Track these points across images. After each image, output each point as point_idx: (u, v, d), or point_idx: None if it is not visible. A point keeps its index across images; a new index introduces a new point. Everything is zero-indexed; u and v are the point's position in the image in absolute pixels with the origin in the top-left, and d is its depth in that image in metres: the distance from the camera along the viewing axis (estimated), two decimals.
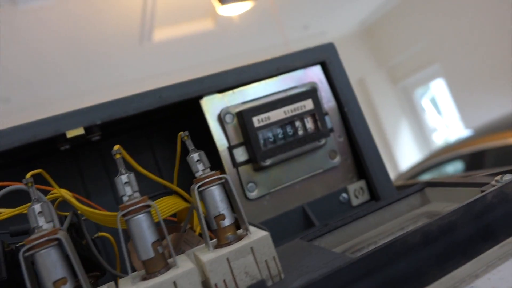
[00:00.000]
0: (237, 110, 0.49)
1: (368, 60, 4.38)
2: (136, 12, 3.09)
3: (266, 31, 3.64)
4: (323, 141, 0.52)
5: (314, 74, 0.55)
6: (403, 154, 4.37)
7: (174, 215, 0.42)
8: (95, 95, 3.91)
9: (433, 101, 4.50)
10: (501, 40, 3.17)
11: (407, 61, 4.12)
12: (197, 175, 0.31)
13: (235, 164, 0.49)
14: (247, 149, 0.49)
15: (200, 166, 0.32)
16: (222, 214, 0.30)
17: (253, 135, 0.48)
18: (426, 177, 2.91)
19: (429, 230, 0.28)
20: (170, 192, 0.39)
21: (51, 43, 3.06)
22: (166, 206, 0.34)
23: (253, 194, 0.50)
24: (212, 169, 0.32)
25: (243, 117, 0.48)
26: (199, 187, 0.30)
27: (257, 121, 0.48)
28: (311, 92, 0.51)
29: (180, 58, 3.98)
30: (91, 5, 2.85)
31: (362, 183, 0.55)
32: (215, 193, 0.30)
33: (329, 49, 0.56)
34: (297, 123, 0.51)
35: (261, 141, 0.49)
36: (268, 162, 0.49)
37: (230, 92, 0.51)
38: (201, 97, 0.49)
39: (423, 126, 4.42)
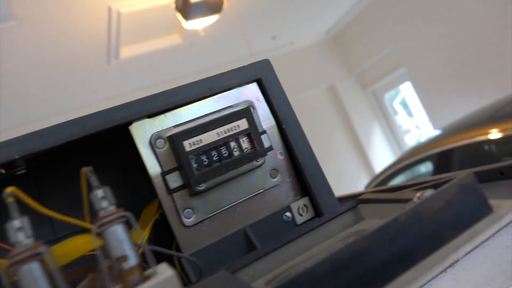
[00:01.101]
0: (169, 134, 0.48)
1: (338, 67, 4.44)
2: (101, 31, 3.06)
3: (234, 43, 3.64)
4: (260, 161, 0.50)
5: (251, 92, 0.54)
6: (377, 157, 4.42)
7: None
8: (67, 116, 3.84)
9: (404, 104, 4.59)
10: (464, 42, 3.26)
11: (375, 66, 4.19)
12: (100, 213, 0.29)
13: (169, 191, 0.47)
14: (181, 174, 0.48)
15: (104, 204, 0.30)
16: (125, 256, 0.28)
17: (185, 160, 0.46)
18: (399, 179, 2.95)
19: (338, 259, 0.26)
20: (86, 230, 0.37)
21: (18, 65, 3.00)
22: (74, 247, 0.32)
23: (190, 221, 0.48)
24: (119, 205, 0.30)
25: (173, 141, 0.46)
26: (99, 226, 0.28)
27: (188, 145, 0.47)
28: (245, 112, 0.50)
29: (150, 74, 3.96)
30: (54, 25, 2.80)
31: (305, 200, 0.53)
32: (117, 232, 0.28)
33: (265, 65, 0.55)
34: (232, 144, 0.49)
35: (194, 165, 0.47)
36: (203, 186, 0.47)
37: (162, 116, 0.49)
38: (130, 123, 0.48)
39: (395, 128, 4.50)
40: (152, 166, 0.47)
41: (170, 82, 4.04)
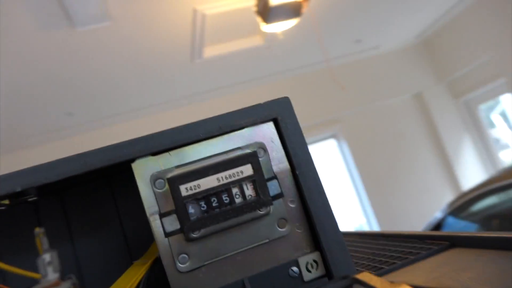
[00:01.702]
0: (168, 175, 0.46)
1: (426, 73, 4.13)
2: (186, 31, 3.18)
3: (314, 46, 3.56)
4: (264, 210, 0.46)
5: (265, 132, 0.50)
6: (466, 173, 4.04)
7: None
8: (151, 110, 4.09)
9: (504, 116, 4.14)
10: None
11: (469, 75, 3.82)
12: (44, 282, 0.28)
13: (166, 234, 0.46)
14: (178, 218, 0.46)
15: (48, 270, 0.28)
16: None
17: (180, 205, 0.44)
18: (488, 202, 2.67)
19: None
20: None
21: (109, 62, 3.25)
22: None
23: (184, 267, 0.46)
24: (63, 273, 0.29)
25: (170, 185, 0.44)
26: None
27: (185, 189, 0.44)
28: (251, 156, 0.46)
29: (230, 73, 4.04)
30: (143, 25, 2.97)
31: (316, 255, 0.48)
32: None
33: (283, 104, 0.50)
34: (235, 190, 0.46)
35: (191, 211, 0.45)
36: (197, 234, 0.45)
37: (166, 154, 0.48)
38: (133, 160, 0.47)
39: (489, 143, 4.07)
40: (150, 207, 0.46)
41: (248, 82, 4.09)
